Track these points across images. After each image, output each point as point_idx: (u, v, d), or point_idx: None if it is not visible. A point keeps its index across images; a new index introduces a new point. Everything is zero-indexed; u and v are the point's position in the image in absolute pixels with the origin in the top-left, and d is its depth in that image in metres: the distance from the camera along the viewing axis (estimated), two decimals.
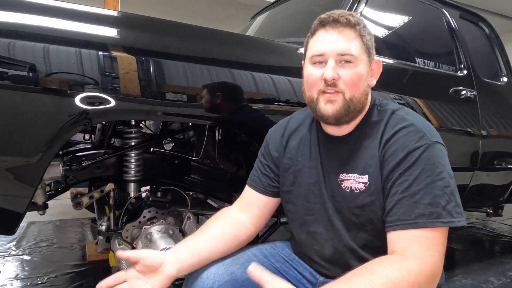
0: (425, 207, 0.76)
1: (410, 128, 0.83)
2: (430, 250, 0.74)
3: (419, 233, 0.76)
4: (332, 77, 0.82)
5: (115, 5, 3.73)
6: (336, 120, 0.86)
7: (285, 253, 1.04)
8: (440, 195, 0.77)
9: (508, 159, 2.23)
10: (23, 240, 2.40)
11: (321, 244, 0.95)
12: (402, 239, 0.77)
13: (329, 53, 0.84)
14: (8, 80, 0.93)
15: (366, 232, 0.88)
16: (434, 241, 0.75)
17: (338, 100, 0.84)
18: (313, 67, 0.87)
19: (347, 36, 0.84)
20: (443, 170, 0.79)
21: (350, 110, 0.85)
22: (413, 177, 0.79)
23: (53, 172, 1.21)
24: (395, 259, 0.74)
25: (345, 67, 0.84)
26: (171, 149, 1.76)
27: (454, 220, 0.76)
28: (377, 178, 0.84)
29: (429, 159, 0.79)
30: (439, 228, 0.76)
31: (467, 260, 2.40)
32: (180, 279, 0.90)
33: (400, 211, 0.79)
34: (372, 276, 0.71)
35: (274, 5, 2.39)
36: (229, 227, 0.96)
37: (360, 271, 0.73)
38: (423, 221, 0.76)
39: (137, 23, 1.18)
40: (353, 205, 0.88)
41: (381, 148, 0.85)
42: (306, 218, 0.97)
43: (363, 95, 0.86)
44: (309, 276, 1.00)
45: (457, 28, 2.14)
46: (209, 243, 0.91)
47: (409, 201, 0.78)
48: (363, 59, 0.85)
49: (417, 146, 0.80)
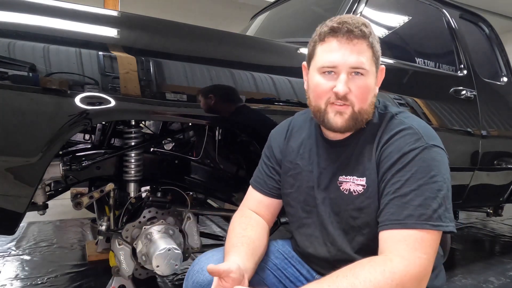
0: (415, 208, 0.76)
1: (408, 131, 0.83)
2: (417, 252, 0.74)
3: (408, 234, 0.75)
4: (344, 93, 0.82)
5: (115, 5, 3.73)
6: (344, 130, 0.87)
7: (285, 250, 1.05)
8: (431, 198, 0.76)
9: (508, 159, 2.23)
10: (23, 240, 2.40)
11: (315, 247, 0.96)
12: (391, 239, 0.77)
13: (342, 66, 0.82)
14: (8, 80, 0.93)
15: (363, 236, 0.88)
16: (422, 243, 0.75)
17: (347, 112, 0.84)
18: (323, 77, 0.85)
19: (360, 49, 0.82)
20: (438, 173, 0.78)
21: (357, 121, 0.85)
22: (405, 178, 0.79)
23: (53, 172, 1.21)
24: (380, 262, 0.74)
25: (356, 79, 0.83)
26: (171, 149, 1.76)
27: (443, 225, 0.76)
28: (374, 181, 0.85)
29: (424, 161, 0.79)
30: (429, 230, 0.75)
31: (467, 260, 2.39)
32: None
33: (390, 211, 0.79)
34: (355, 280, 0.70)
35: (274, 5, 2.39)
36: (262, 230, 0.98)
37: (344, 273, 0.73)
38: (412, 222, 0.75)
39: (137, 23, 1.18)
40: (351, 207, 0.88)
41: (378, 151, 0.85)
42: (304, 221, 0.98)
43: (369, 106, 0.86)
44: (306, 274, 1.01)
45: (457, 28, 2.14)
46: (261, 251, 0.93)
47: (399, 202, 0.78)
48: (372, 71, 0.85)
49: (412, 148, 0.80)
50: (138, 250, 1.33)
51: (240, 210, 1.04)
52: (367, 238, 0.87)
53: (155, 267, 1.25)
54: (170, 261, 1.26)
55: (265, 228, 0.99)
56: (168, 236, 1.35)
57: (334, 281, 0.72)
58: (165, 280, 1.84)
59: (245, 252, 0.86)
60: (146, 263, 1.32)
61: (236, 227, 0.95)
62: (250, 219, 0.99)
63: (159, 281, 1.83)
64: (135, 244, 1.35)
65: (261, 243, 0.94)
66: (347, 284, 0.70)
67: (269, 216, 1.03)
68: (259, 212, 1.03)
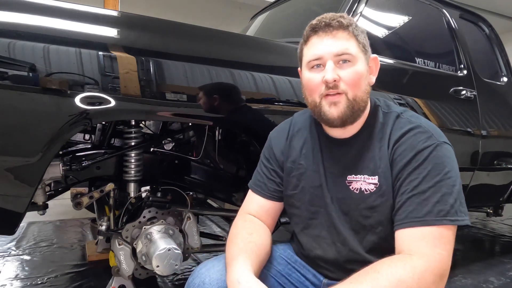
0: (433, 205, 0.77)
1: (418, 129, 0.85)
2: (437, 248, 0.75)
3: (427, 231, 0.76)
4: (333, 79, 0.82)
5: (115, 5, 3.73)
6: (342, 121, 0.86)
7: (287, 255, 1.02)
8: (448, 194, 0.78)
9: (508, 159, 2.23)
10: (23, 240, 2.40)
11: (324, 248, 0.95)
12: (410, 237, 0.78)
13: (326, 56, 0.84)
14: (8, 80, 0.93)
15: (375, 235, 0.88)
16: (441, 239, 0.76)
17: (341, 101, 0.84)
18: (311, 71, 0.87)
19: (341, 37, 0.84)
20: (451, 169, 0.80)
21: (354, 110, 0.85)
22: (422, 175, 0.80)
23: (53, 172, 1.21)
24: (399, 258, 0.75)
25: (344, 67, 0.84)
26: (171, 149, 1.76)
27: (459, 219, 0.78)
28: (387, 179, 0.85)
29: (438, 158, 0.80)
30: (446, 226, 0.76)
31: (467, 260, 2.39)
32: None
33: (409, 209, 0.79)
34: (377, 274, 0.71)
35: (274, 5, 2.39)
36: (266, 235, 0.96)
37: (365, 271, 0.74)
38: (431, 219, 0.76)
39: (137, 23, 1.18)
40: (363, 206, 0.88)
41: (390, 149, 0.86)
42: (310, 222, 0.96)
43: (365, 94, 0.87)
44: (313, 279, 0.99)
45: (457, 28, 2.14)
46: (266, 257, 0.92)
47: (418, 199, 0.79)
48: (360, 57, 0.86)
49: (425, 146, 0.82)
50: (138, 250, 1.33)
51: (242, 215, 1.00)
52: (379, 237, 0.87)
53: (155, 267, 1.25)
54: (170, 261, 1.26)
55: (268, 234, 0.97)
56: (168, 236, 1.35)
57: (357, 278, 0.73)
58: (165, 280, 1.84)
59: (253, 259, 0.84)
60: (146, 263, 1.32)
61: (242, 232, 0.92)
62: (255, 225, 0.96)
63: (159, 281, 1.83)
64: (135, 244, 1.35)
65: (267, 248, 0.93)
66: (370, 279, 0.71)
67: (271, 221, 1.01)
68: (261, 217, 1.00)
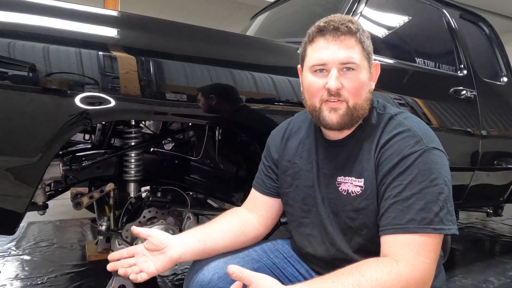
0: (416, 212, 0.76)
1: (407, 133, 0.83)
2: (421, 256, 0.74)
3: (410, 238, 0.75)
4: (336, 88, 0.82)
5: (115, 5, 3.73)
6: (340, 127, 0.86)
7: (284, 249, 1.05)
8: (433, 201, 0.76)
9: (508, 159, 2.23)
10: (23, 240, 2.40)
11: (314, 246, 0.96)
12: (394, 244, 0.77)
13: (331, 63, 0.83)
14: (8, 80, 0.93)
15: (361, 237, 0.88)
16: (425, 247, 0.75)
17: (342, 108, 0.84)
18: (314, 75, 0.86)
19: (348, 44, 0.83)
20: (438, 176, 0.78)
21: (353, 117, 0.85)
22: (406, 182, 0.78)
23: (53, 172, 1.21)
24: (386, 263, 0.74)
25: (347, 75, 0.83)
26: (171, 149, 1.76)
27: (445, 228, 0.76)
28: (372, 183, 0.84)
29: (424, 164, 0.78)
30: (431, 234, 0.75)
31: (467, 260, 2.39)
32: (179, 279, 0.91)
33: (392, 215, 0.79)
34: (362, 277, 0.71)
35: (274, 5, 2.39)
36: (237, 223, 0.98)
37: (349, 271, 0.73)
38: (414, 227, 0.75)
39: (137, 23, 1.18)
40: (349, 208, 0.88)
41: (377, 153, 0.85)
42: (302, 221, 0.98)
43: (365, 101, 0.86)
44: (305, 273, 1.01)
45: (457, 28, 2.14)
46: (216, 234, 0.93)
47: (401, 206, 0.78)
48: (364, 65, 0.85)
49: (412, 151, 0.80)
50: None
51: (237, 207, 1.07)
52: (365, 239, 0.87)
53: None
54: None
55: (245, 225, 0.99)
56: None
57: (340, 277, 0.72)
58: (165, 280, 1.84)
59: (193, 232, 0.92)
60: None
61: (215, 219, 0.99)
62: (232, 214, 1.01)
63: (159, 281, 1.83)
64: (135, 244, 1.35)
65: (223, 233, 0.94)
66: (353, 281, 0.70)
67: (268, 216, 1.03)
68: (257, 211, 1.03)
